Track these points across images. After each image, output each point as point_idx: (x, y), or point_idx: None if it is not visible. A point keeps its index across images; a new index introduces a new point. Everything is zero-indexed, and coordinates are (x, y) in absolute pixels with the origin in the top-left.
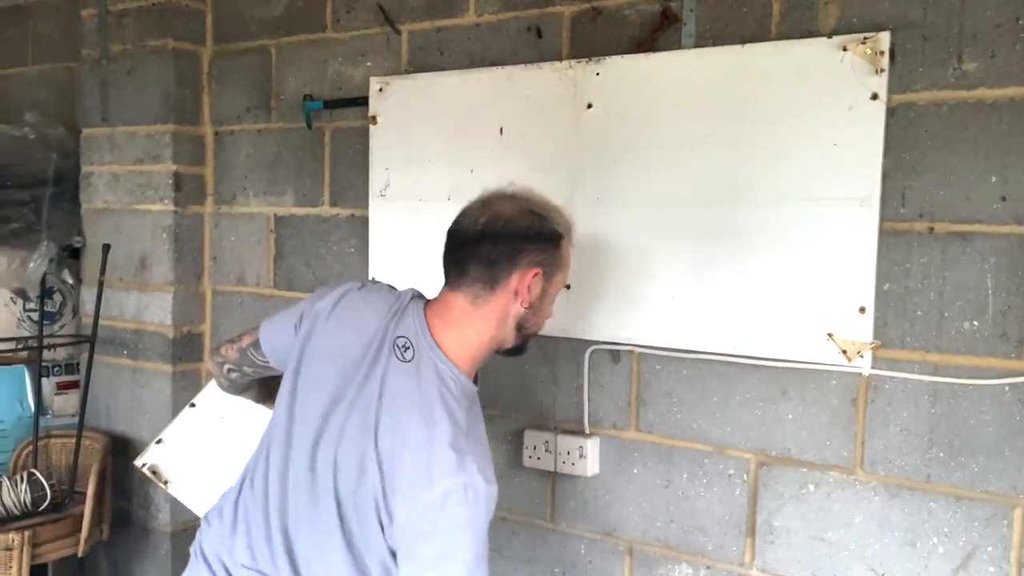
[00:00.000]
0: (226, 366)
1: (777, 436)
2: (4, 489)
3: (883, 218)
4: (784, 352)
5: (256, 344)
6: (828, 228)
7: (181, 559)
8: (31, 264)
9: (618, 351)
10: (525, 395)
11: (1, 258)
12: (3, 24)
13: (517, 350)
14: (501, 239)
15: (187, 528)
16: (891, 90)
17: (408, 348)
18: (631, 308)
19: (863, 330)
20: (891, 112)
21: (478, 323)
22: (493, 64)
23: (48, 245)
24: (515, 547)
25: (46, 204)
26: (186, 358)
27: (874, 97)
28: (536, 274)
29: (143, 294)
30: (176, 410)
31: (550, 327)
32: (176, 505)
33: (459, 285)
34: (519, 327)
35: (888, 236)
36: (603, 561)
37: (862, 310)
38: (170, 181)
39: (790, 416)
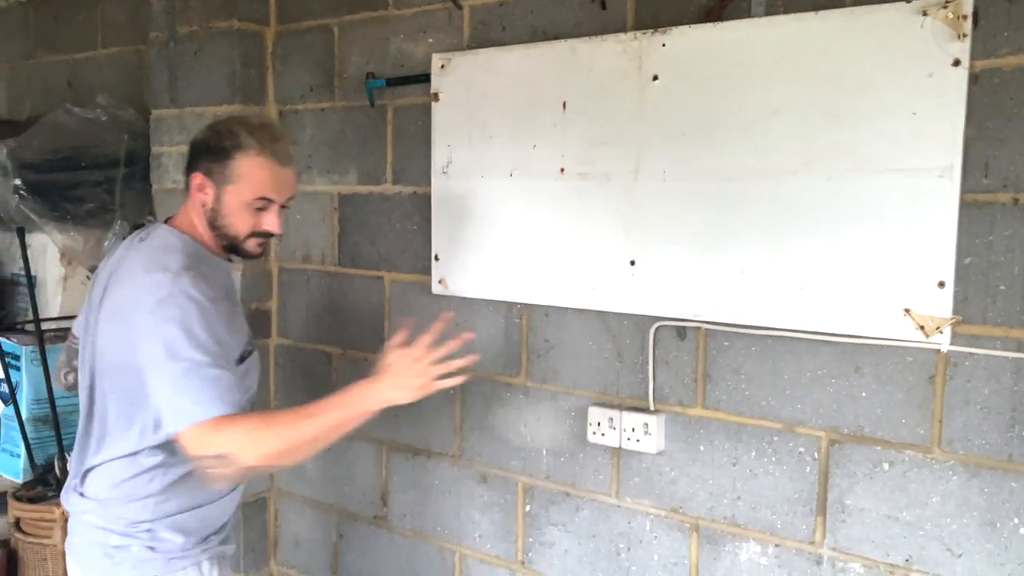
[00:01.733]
0: (63, 371)
1: (850, 414)
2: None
3: (964, 189)
4: (858, 328)
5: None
6: (906, 200)
7: (253, 529)
8: (106, 243)
9: (684, 327)
10: (589, 371)
11: (77, 237)
12: (74, 10)
13: (238, 252)
14: (190, 149)
15: (258, 499)
16: (974, 56)
17: (144, 234)
18: (698, 283)
19: (942, 305)
20: (974, 79)
21: (190, 209)
22: (556, 37)
23: (121, 224)
24: (579, 523)
25: (119, 184)
26: (256, 334)
27: (956, 63)
28: (201, 180)
29: None
30: None
31: (614, 303)
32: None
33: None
34: (211, 225)
35: (970, 208)
36: (669, 538)
37: (941, 284)
38: None
39: (864, 393)
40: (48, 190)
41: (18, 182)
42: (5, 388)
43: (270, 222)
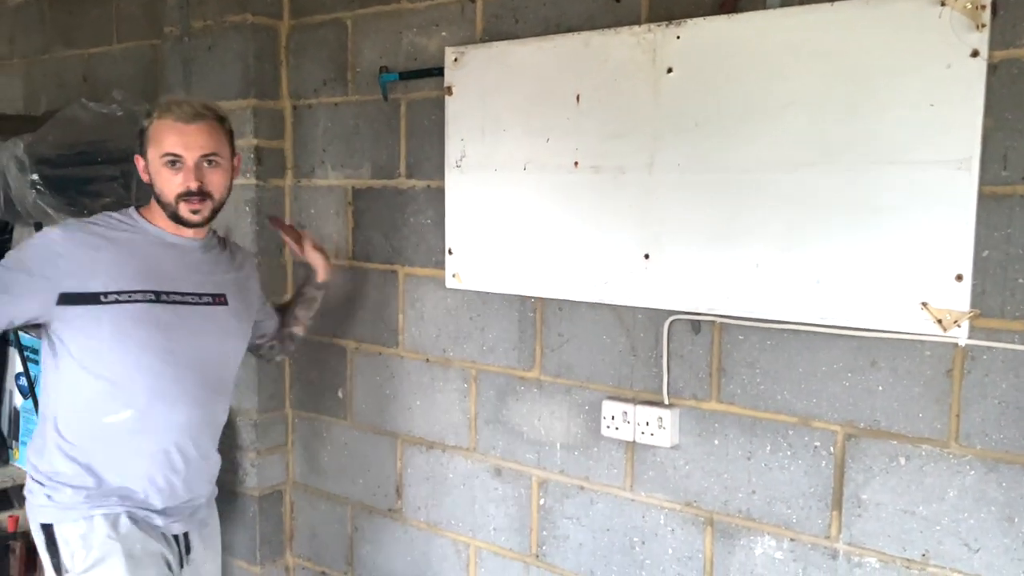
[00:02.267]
0: None
1: (866, 408)
2: None
3: (983, 181)
4: (875, 322)
5: None
6: (924, 192)
7: (268, 521)
8: None
9: (699, 321)
10: (603, 365)
11: None
12: (89, 4)
13: (180, 221)
14: None
15: (274, 492)
16: (992, 46)
17: None
18: (713, 277)
19: (960, 299)
20: (992, 69)
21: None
22: (569, 30)
23: None
24: (593, 516)
25: (135, 179)
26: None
27: (974, 54)
28: (139, 161)
29: None
30: (262, 378)
31: (628, 296)
32: (263, 470)
33: None
34: (158, 201)
35: (988, 200)
36: (683, 531)
37: (959, 278)
38: (251, 155)
39: (880, 387)
40: (65, 185)
41: (35, 177)
42: (24, 381)
43: (187, 178)
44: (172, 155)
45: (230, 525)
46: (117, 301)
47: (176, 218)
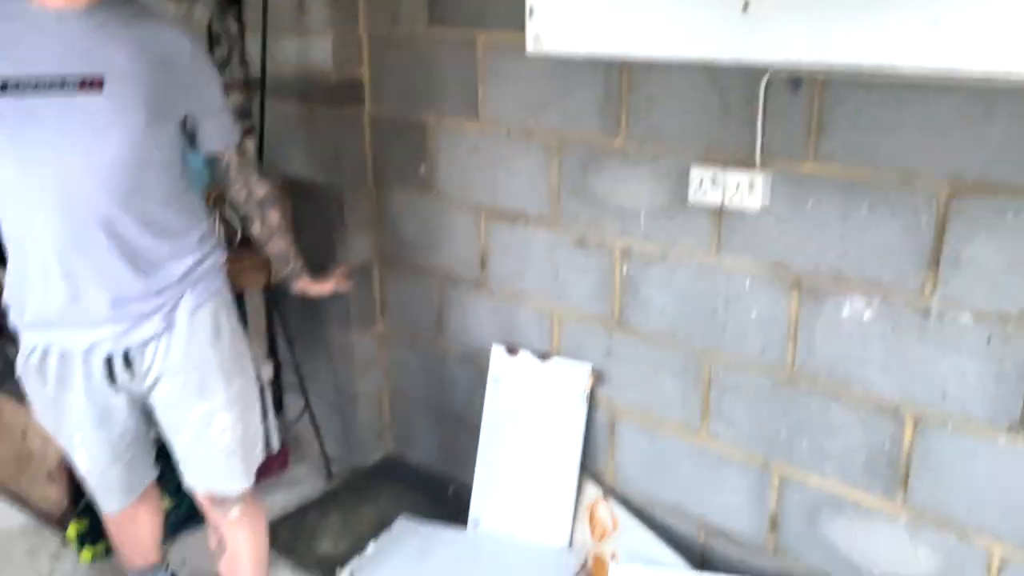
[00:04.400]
0: None
1: (976, 162)
2: None
3: None
4: (994, 67)
5: None
6: None
7: (360, 293)
8: (195, 13)
9: (798, 77)
10: (692, 130)
11: (168, 5)
12: None
13: None
14: None
15: (362, 266)
16: None
17: None
18: (816, 27)
19: None
20: None
21: None
22: None
23: None
24: (676, 283)
25: None
26: (348, 103)
27: None
28: None
29: (304, 39)
30: (342, 156)
31: (722, 52)
32: (350, 246)
33: None
34: None
35: None
36: (768, 295)
37: None
38: None
39: (994, 139)
40: None
41: None
42: None
43: None
44: None
45: (324, 298)
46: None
47: None
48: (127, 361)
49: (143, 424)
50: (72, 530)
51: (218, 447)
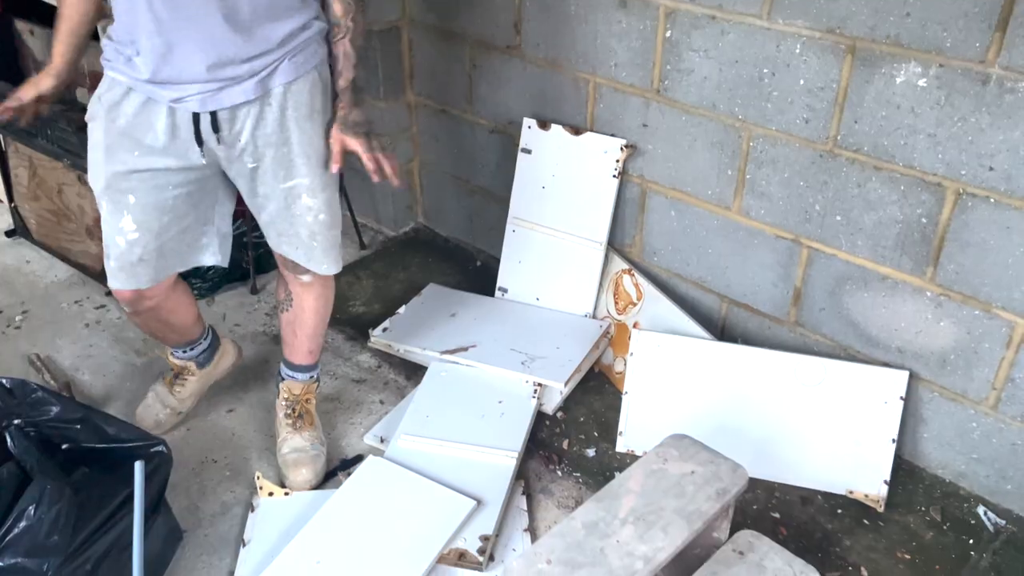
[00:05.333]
0: None
1: None
2: None
3: None
4: None
5: None
6: None
7: (388, 57)
8: None
9: None
10: None
11: None
12: None
13: None
14: None
15: (391, 28)
16: None
17: None
18: None
19: None
20: None
21: None
22: None
23: None
24: (722, 48)
25: None
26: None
27: None
28: None
29: None
30: None
31: None
32: (380, 5)
33: None
34: None
35: None
36: (819, 60)
37: None
38: None
39: None
40: None
41: None
42: None
43: None
44: None
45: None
46: None
47: None
48: (214, 125)
49: (203, 203)
50: None
51: (302, 226)
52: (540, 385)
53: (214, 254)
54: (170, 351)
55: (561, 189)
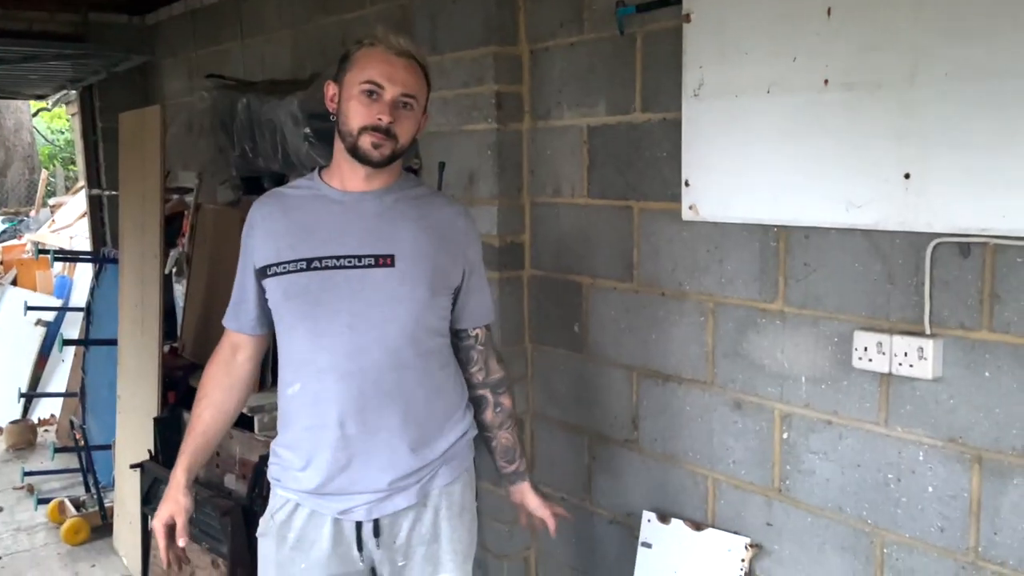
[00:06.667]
0: None
1: None
2: None
3: None
4: None
5: None
6: None
7: None
8: None
9: (968, 243)
10: (854, 295)
11: None
12: None
13: (358, 156)
14: None
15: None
16: None
17: None
18: (984, 194)
19: None
20: None
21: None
22: None
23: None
24: (842, 451)
25: None
26: (509, 266)
27: None
28: (330, 87)
29: (472, 207)
30: (503, 312)
31: (885, 220)
32: None
33: None
34: (339, 132)
35: None
36: (945, 469)
37: None
38: (492, 101)
39: None
40: (332, 137)
41: (307, 130)
42: None
43: (380, 111)
44: (373, 84)
45: (476, 452)
46: (276, 273)
47: (355, 152)
48: (376, 530)
49: None
50: None
51: None
52: None
53: None
54: None
55: None
